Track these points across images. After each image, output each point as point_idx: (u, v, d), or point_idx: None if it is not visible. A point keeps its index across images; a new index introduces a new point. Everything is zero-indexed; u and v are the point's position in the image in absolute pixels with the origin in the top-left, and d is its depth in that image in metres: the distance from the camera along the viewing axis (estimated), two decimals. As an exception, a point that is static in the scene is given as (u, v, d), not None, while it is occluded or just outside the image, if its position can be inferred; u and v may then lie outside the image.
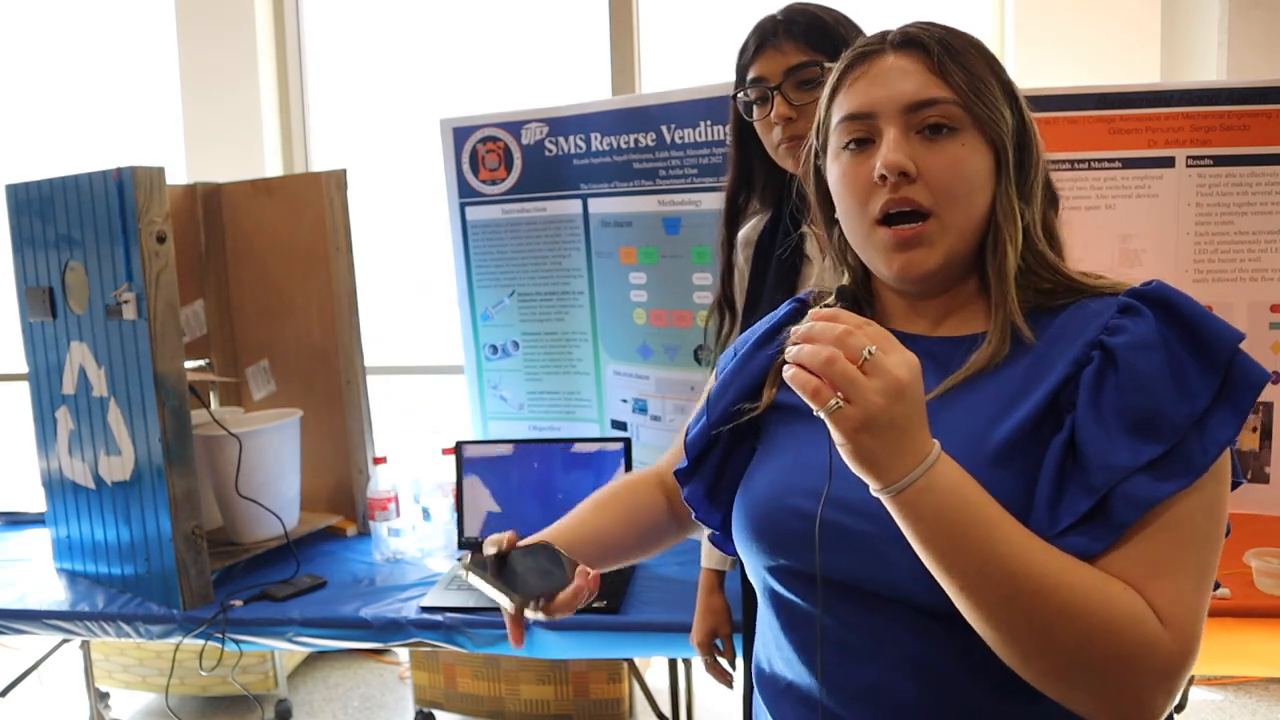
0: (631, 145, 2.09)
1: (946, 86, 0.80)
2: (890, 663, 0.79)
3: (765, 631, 0.92)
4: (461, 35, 3.40)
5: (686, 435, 1.01)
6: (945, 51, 0.81)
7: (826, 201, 0.90)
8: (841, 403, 0.67)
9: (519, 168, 2.28)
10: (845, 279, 0.93)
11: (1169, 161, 1.74)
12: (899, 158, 0.79)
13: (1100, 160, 1.74)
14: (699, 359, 2.06)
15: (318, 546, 2.20)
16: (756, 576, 0.91)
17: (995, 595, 0.69)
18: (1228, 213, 1.73)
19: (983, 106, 0.80)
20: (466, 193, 2.35)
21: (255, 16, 3.36)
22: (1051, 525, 0.73)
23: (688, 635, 1.64)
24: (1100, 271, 0.85)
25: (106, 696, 2.98)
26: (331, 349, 2.27)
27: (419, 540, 2.16)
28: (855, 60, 0.85)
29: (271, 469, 2.11)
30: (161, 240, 1.80)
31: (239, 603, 1.87)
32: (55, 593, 2.00)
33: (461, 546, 2.08)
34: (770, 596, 0.89)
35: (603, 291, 2.23)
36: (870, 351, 0.67)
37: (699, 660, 1.67)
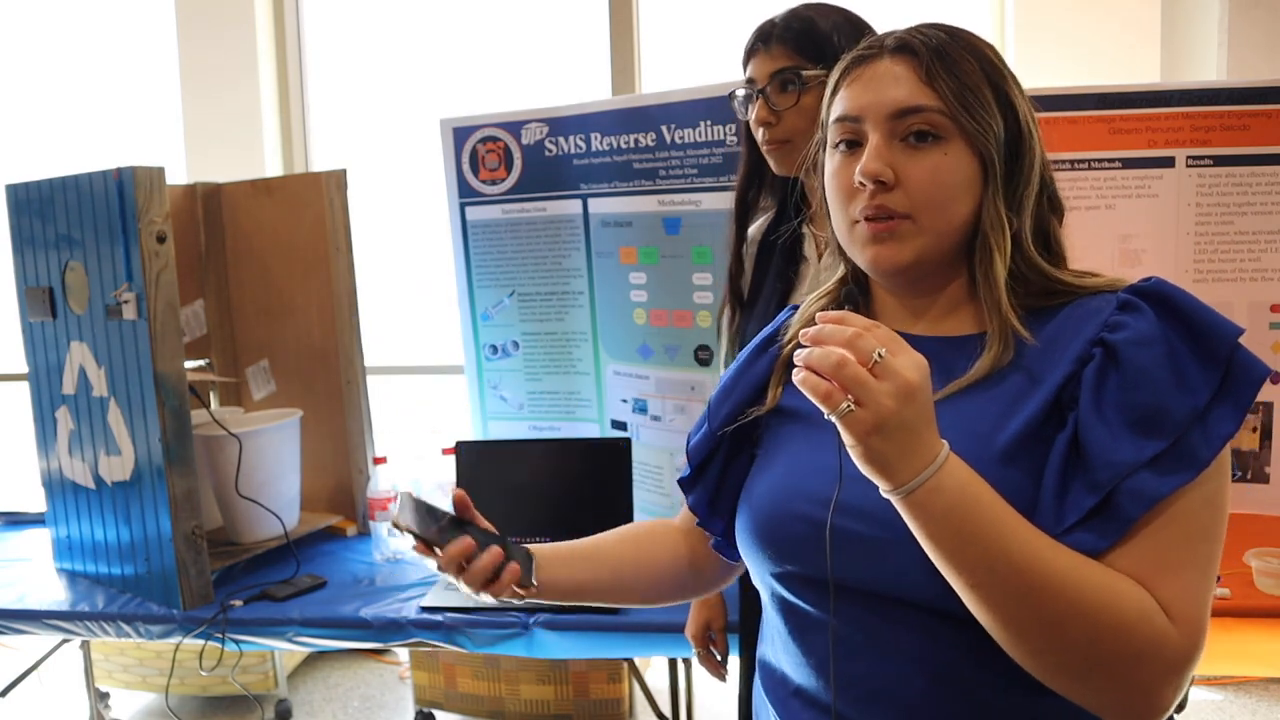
0: (631, 145, 2.09)
1: (934, 94, 0.81)
2: (899, 663, 0.79)
3: (773, 635, 0.92)
4: (461, 35, 3.40)
5: (688, 444, 1.02)
6: (936, 58, 0.82)
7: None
8: (853, 406, 0.67)
9: (519, 168, 2.28)
10: (840, 272, 0.94)
11: (1169, 161, 1.73)
12: (877, 166, 0.81)
13: (1100, 160, 1.74)
14: (699, 359, 2.06)
15: (318, 546, 2.20)
16: (763, 583, 0.91)
17: (1005, 593, 0.69)
18: (1228, 213, 1.73)
19: (969, 117, 0.81)
20: (466, 193, 2.35)
21: (255, 16, 3.36)
22: (1057, 522, 0.73)
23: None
24: (1099, 271, 0.85)
25: (106, 696, 2.98)
26: (331, 349, 2.27)
27: (419, 540, 2.16)
28: (854, 62, 0.87)
29: (271, 469, 2.11)
30: (161, 240, 1.80)
31: (239, 603, 1.87)
32: (55, 593, 2.00)
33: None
34: (777, 601, 0.89)
35: (603, 291, 2.23)
36: (880, 354, 0.67)
37: (696, 659, 1.67)
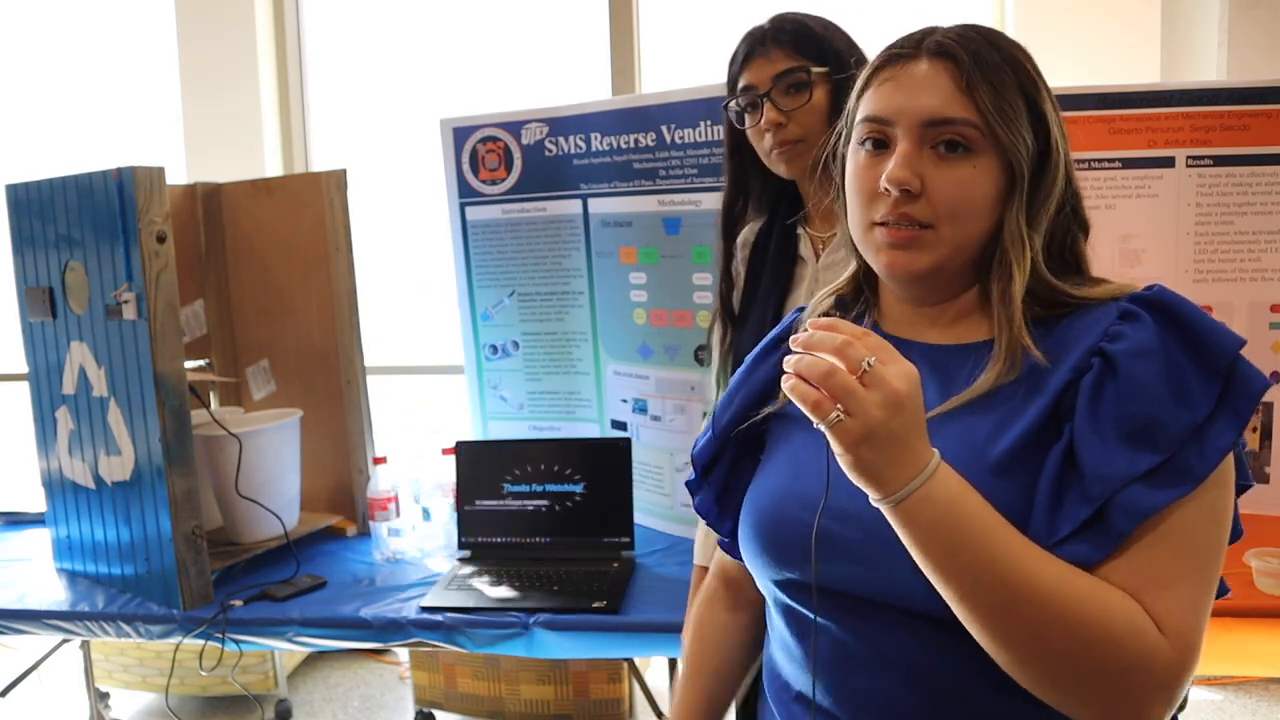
0: (631, 145, 2.09)
1: (971, 106, 0.78)
2: (894, 670, 0.79)
3: (776, 639, 0.92)
4: (461, 35, 3.40)
5: (694, 449, 1.02)
6: (977, 67, 0.78)
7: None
8: (842, 415, 0.66)
9: (519, 168, 2.28)
10: (852, 268, 0.93)
11: (1169, 161, 1.73)
12: (905, 174, 0.78)
13: (1100, 160, 1.74)
14: (699, 359, 2.06)
15: (318, 546, 2.20)
16: (765, 587, 0.91)
17: (991, 603, 0.69)
18: (1228, 213, 1.73)
19: (1005, 130, 0.78)
20: (466, 193, 2.35)
21: (255, 16, 3.36)
22: (1051, 534, 0.72)
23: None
24: (1102, 273, 0.84)
25: (106, 696, 2.98)
26: (331, 349, 2.27)
27: (419, 540, 2.16)
28: (890, 60, 0.83)
29: (271, 469, 2.11)
30: (161, 240, 1.80)
31: (239, 603, 1.87)
32: (55, 593, 2.00)
33: (462, 547, 2.08)
34: (779, 606, 0.90)
35: (603, 291, 2.23)
36: (869, 363, 0.67)
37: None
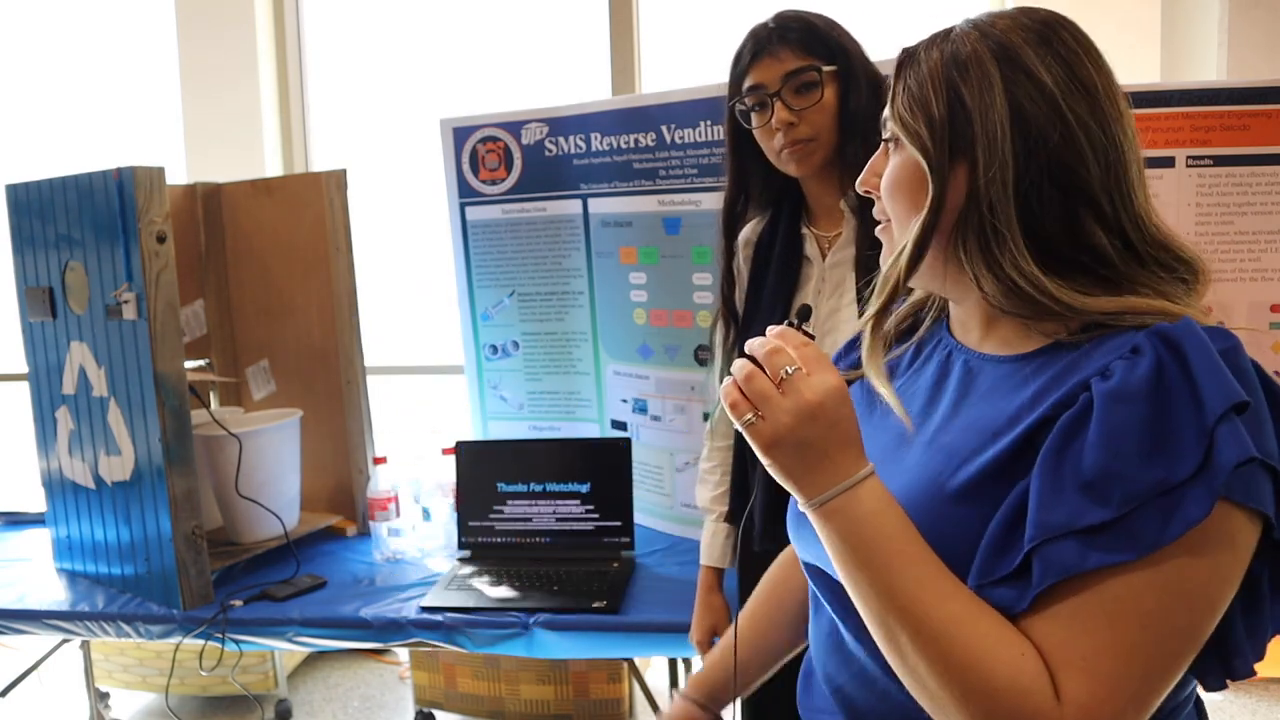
0: (631, 145, 2.09)
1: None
2: (874, 648, 0.79)
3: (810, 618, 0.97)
4: (461, 35, 3.40)
5: None
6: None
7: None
8: (754, 418, 0.70)
9: (519, 168, 2.28)
10: (917, 295, 0.90)
11: (1169, 161, 1.73)
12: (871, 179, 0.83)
13: (1100, 160, 1.74)
14: (699, 359, 2.06)
15: (318, 546, 2.20)
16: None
17: (881, 623, 0.70)
18: (1228, 213, 1.73)
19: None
20: (466, 193, 2.35)
21: (255, 16, 3.36)
22: (983, 574, 0.69)
23: (687, 635, 1.64)
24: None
25: (106, 696, 2.98)
26: (331, 349, 2.27)
27: (419, 540, 2.16)
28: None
29: (271, 469, 2.11)
30: (161, 240, 1.80)
31: (239, 603, 1.87)
32: (55, 593, 2.00)
33: (462, 547, 2.08)
34: (808, 586, 0.94)
35: (603, 291, 2.23)
36: (788, 371, 0.69)
37: (698, 659, 1.67)
